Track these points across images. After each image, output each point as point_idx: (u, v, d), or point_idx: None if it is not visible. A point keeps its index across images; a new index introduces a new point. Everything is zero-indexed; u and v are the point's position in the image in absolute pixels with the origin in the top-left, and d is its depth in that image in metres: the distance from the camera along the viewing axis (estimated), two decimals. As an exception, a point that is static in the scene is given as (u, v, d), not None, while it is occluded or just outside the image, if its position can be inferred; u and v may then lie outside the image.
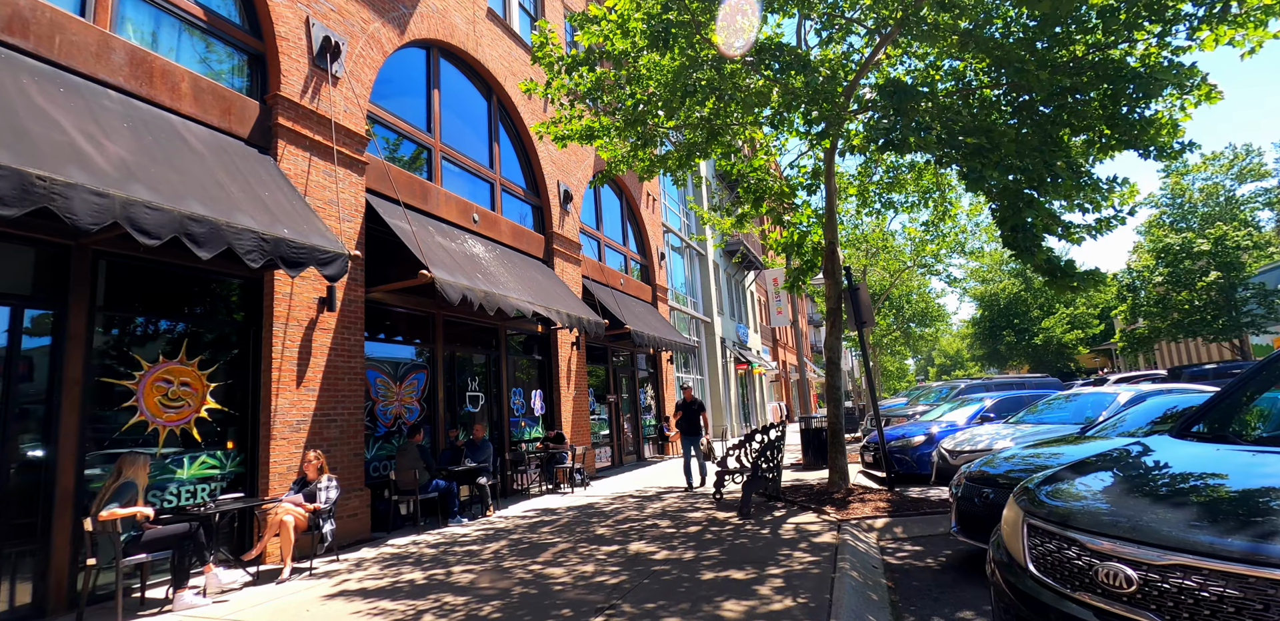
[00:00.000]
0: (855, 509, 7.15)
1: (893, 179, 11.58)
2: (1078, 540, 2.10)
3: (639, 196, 18.07)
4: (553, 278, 12.04)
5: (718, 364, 23.49)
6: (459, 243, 9.50)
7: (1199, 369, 24.72)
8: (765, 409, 32.19)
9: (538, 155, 12.77)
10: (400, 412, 8.70)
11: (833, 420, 8.43)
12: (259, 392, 6.71)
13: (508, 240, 11.43)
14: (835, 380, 8.58)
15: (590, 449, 13.27)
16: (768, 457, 7.85)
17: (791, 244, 9.50)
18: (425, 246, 8.18)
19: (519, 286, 9.91)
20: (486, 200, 11.33)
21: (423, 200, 9.37)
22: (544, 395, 12.40)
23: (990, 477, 5.20)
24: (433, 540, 7.22)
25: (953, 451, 8.15)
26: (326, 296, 7.32)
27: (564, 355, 12.85)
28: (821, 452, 12.30)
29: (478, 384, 10.51)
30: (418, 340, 9.34)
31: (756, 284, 32.91)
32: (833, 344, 8.64)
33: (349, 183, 7.94)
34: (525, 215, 12.63)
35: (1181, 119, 7.30)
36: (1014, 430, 8.21)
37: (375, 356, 8.47)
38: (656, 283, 18.45)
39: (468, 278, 8.39)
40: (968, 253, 18.15)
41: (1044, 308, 52.55)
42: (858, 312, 8.64)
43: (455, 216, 10.06)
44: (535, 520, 8.16)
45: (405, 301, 8.99)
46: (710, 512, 7.85)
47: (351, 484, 7.42)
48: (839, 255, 8.86)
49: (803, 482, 10.06)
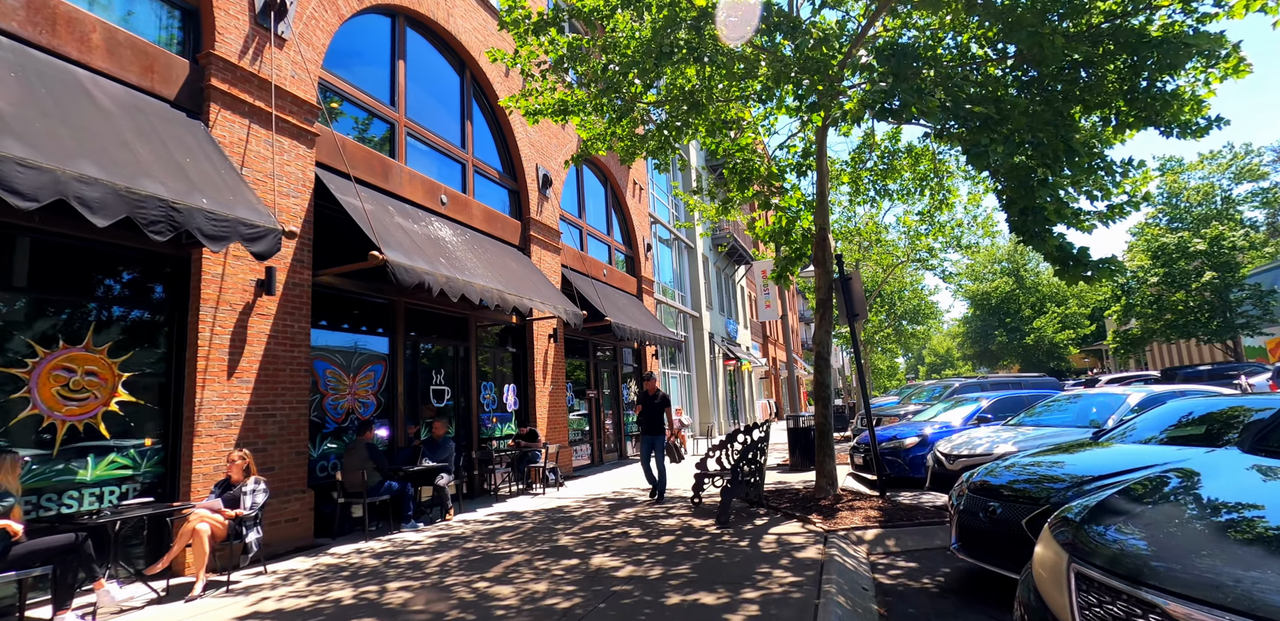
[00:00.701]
0: (844, 518, 6.53)
1: (887, 165, 10.93)
2: (1160, 607, 1.46)
3: (625, 184, 17.39)
4: (528, 266, 11.36)
5: (705, 359, 22.88)
6: (423, 225, 8.81)
7: (1193, 370, 24.33)
8: (754, 406, 31.63)
9: (515, 137, 12.07)
10: (353, 407, 8.01)
11: (820, 420, 7.81)
12: (182, 384, 6.01)
13: (480, 225, 10.73)
14: (824, 377, 7.95)
15: (567, 447, 12.64)
16: (750, 460, 7.22)
17: (779, 231, 8.85)
18: (380, 226, 7.49)
19: (489, 273, 9.24)
20: (457, 182, 10.63)
21: (383, 178, 8.66)
22: (518, 390, 11.74)
23: (994, 489, 4.59)
24: (379, 548, 6.56)
25: (949, 455, 7.55)
26: (265, 278, 6.62)
27: (540, 348, 12.18)
28: (809, 453, 11.69)
29: (443, 377, 9.84)
30: (376, 329, 8.65)
31: (747, 279, 32.29)
32: (822, 338, 8.01)
33: (296, 155, 7.23)
34: (501, 200, 11.93)
35: (1205, 95, 6.70)
36: (1015, 433, 7.61)
37: (326, 346, 7.78)
38: (642, 274, 17.79)
39: (428, 261, 7.71)
40: (964, 247, 17.59)
41: (1035, 307, 52.26)
42: (849, 304, 8.01)
43: (421, 197, 9.37)
44: (497, 525, 7.51)
45: (362, 287, 8.30)
46: (686, 519, 7.22)
47: (292, 485, 6.75)
48: (830, 242, 8.22)
49: (788, 486, 9.44)
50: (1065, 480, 4.37)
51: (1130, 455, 4.76)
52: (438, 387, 9.68)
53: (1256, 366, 24.19)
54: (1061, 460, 5.00)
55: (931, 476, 7.81)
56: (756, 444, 7.24)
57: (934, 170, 10.93)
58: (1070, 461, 4.90)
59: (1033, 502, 4.17)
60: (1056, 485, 4.37)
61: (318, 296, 7.61)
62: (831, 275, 8.15)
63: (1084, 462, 4.78)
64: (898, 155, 10.92)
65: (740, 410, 28.73)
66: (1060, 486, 4.29)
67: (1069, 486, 4.22)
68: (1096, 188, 7.53)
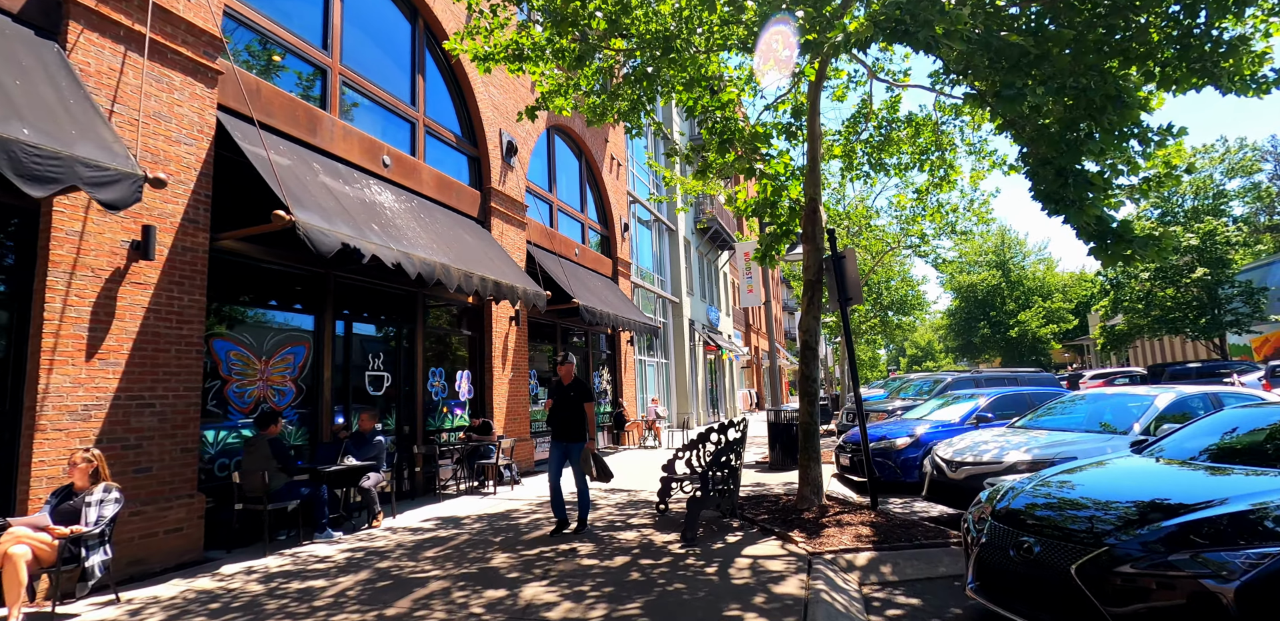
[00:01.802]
0: (831, 536, 5.53)
1: (884, 137, 9.90)
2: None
3: (601, 159, 16.23)
4: (486, 240, 10.23)
5: (685, 347, 21.88)
6: (357, 187, 7.65)
7: (1181, 367, 23.72)
8: (735, 396, 30.75)
9: (475, 98, 10.87)
10: (265, 395, 6.89)
11: (805, 418, 6.81)
12: (24, 366, 4.86)
13: (431, 192, 9.57)
14: (810, 369, 6.94)
15: (527, 440, 11.59)
16: (723, 464, 6.20)
17: (763, 203, 7.78)
18: (297, 184, 6.34)
19: (437, 245, 8.11)
20: (405, 143, 9.44)
21: (309, 131, 7.48)
22: (473, 377, 10.64)
23: (1026, 518, 3.59)
24: (276, 566, 5.47)
25: (951, 461, 6.59)
26: (142, 239, 5.46)
27: (500, 331, 11.08)
28: (790, 450, 10.74)
29: (382, 362, 8.71)
30: (298, 305, 7.51)
31: (730, 264, 31.29)
32: (809, 325, 6.99)
33: (191, 95, 6.04)
34: (459, 167, 10.76)
35: (1263, 49, 5.70)
36: (1026, 438, 6.67)
37: (231, 323, 6.64)
38: (618, 256, 16.69)
39: (354, 227, 6.57)
40: (959, 233, 16.68)
41: (1019, 301, 51.84)
42: (842, 287, 6.98)
43: (357, 157, 8.19)
44: (428, 535, 6.45)
45: (281, 256, 7.15)
46: (647, 533, 6.21)
47: (176, 489, 5.63)
48: (821, 216, 7.18)
49: (767, 490, 8.46)
50: (1121, 511, 3.39)
51: (1200, 481, 3.78)
52: (375, 374, 8.56)
53: (1248, 365, 23.67)
54: (1106, 480, 4.03)
55: (929, 484, 6.86)
56: (731, 445, 6.22)
57: (935, 143, 9.90)
58: (1119, 483, 3.92)
59: (1083, 543, 3.17)
60: (1110, 516, 3.38)
61: (221, 264, 6.46)
62: (822, 253, 7.12)
63: (1139, 486, 3.80)
64: (896, 125, 9.89)
65: (720, 400, 27.83)
66: (1115, 519, 3.30)
67: (1129, 521, 3.23)
68: (1122, 160, 6.55)
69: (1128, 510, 3.37)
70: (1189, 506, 3.20)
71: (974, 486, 6.22)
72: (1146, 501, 3.42)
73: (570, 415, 6.62)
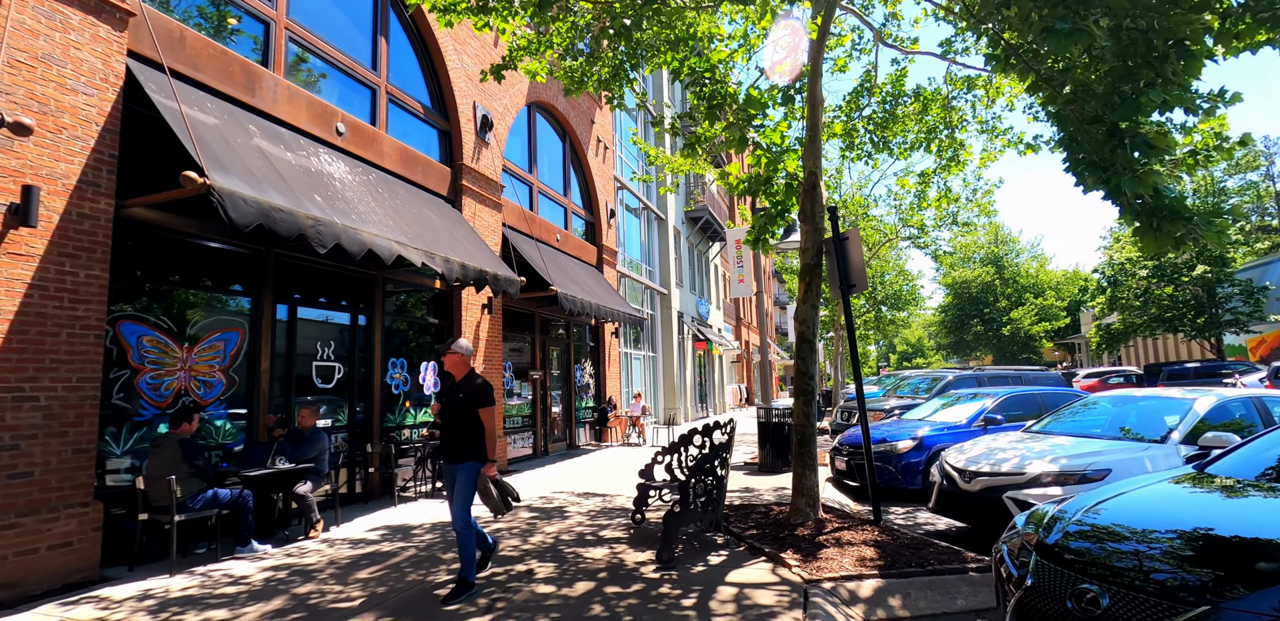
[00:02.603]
0: (830, 559, 4.77)
1: (888, 113, 9.12)
2: None
3: (586, 140, 15.37)
4: (455, 220, 9.39)
5: (673, 340, 21.10)
6: (302, 155, 6.80)
7: (1180, 367, 23.13)
8: (724, 392, 30.03)
9: (447, 67, 9.99)
10: (188, 387, 6.05)
11: (801, 420, 6.03)
12: None
13: (393, 166, 8.71)
14: (807, 365, 6.15)
15: (502, 436, 10.78)
16: (708, 471, 5.39)
17: (757, 179, 6.97)
18: (221, 144, 5.49)
19: (394, 222, 7.28)
20: (364, 110, 8.57)
21: (246, 89, 6.61)
22: (439, 369, 9.81)
23: (1087, 560, 2.80)
24: (176, 590, 4.66)
25: (964, 470, 5.84)
26: (21, 202, 4.60)
27: (471, 319, 10.25)
28: (781, 451, 9.99)
29: (334, 350, 7.88)
30: (233, 285, 6.67)
31: (721, 257, 30.50)
32: (807, 315, 6.20)
33: (92, 36, 5.16)
34: (427, 140, 9.89)
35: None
36: (1048, 445, 5.92)
37: (145, 304, 5.79)
38: (604, 243, 15.86)
39: (290, 196, 5.73)
40: (960, 224, 15.95)
41: (1012, 298, 51.35)
42: (844, 271, 6.19)
43: (305, 122, 7.33)
44: (369, 550, 5.64)
45: (212, 229, 6.29)
46: (618, 550, 5.42)
47: (65, 496, 4.79)
48: (822, 192, 6.38)
49: (756, 497, 7.70)
50: (1222, 554, 2.62)
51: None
52: (325, 364, 7.72)
53: (1247, 365, 23.12)
54: (1183, 509, 3.26)
55: (938, 495, 6.11)
56: (718, 450, 5.43)
57: (945, 121, 9.13)
58: (1202, 513, 3.16)
59: (1176, 599, 2.40)
60: (1205, 560, 2.61)
61: (133, 236, 5.61)
62: (821, 234, 6.33)
63: (1233, 518, 3.03)
64: (902, 101, 9.11)
65: (709, 396, 27.10)
66: (1215, 566, 2.53)
67: (1239, 569, 2.45)
68: (1157, 133, 5.80)
69: (1230, 553, 2.61)
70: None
71: (990, 500, 5.48)
72: (1252, 541, 2.66)
73: (458, 425, 4.49)
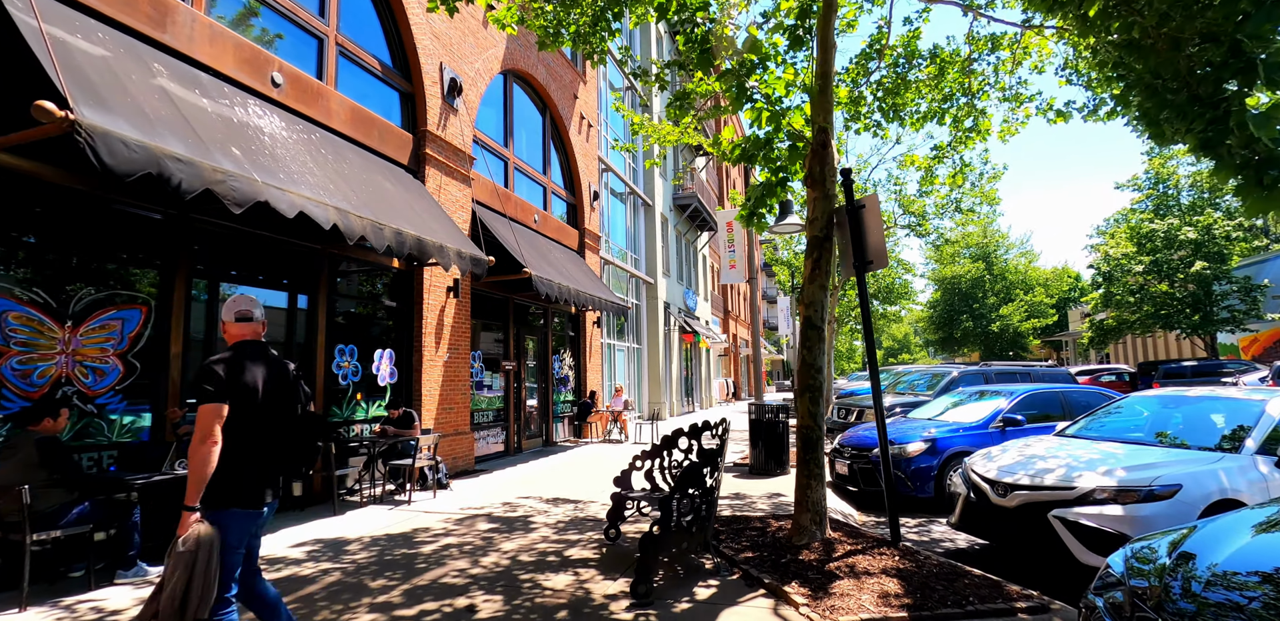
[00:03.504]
0: (844, 594, 3.84)
1: (899, 78, 8.17)
2: None
3: (569, 116, 14.33)
4: (415, 191, 8.36)
5: (659, 332, 20.15)
6: (223, 103, 5.74)
7: (1177, 366, 22.52)
8: (711, 386, 29.14)
9: (409, 21, 8.93)
10: (70, 374, 5.02)
11: (807, 421, 5.09)
12: None
13: (342, 127, 7.68)
14: (814, 356, 5.20)
15: (467, 433, 9.80)
16: (697, 481, 4.42)
17: (755, 142, 5.99)
18: (102, 76, 4.44)
19: (337, 187, 6.25)
20: (309, 62, 7.52)
21: (154, 24, 5.55)
22: (397, 357, 8.80)
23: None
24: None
25: (996, 481, 4.94)
26: None
27: (434, 303, 9.24)
28: (775, 452, 9.09)
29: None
30: (138, 254, 5.63)
31: (710, 247, 29.55)
32: (814, 296, 5.26)
33: (-69, -68, 4.11)
34: (386, 102, 8.84)
35: None
36: (1096, 452, 5.03)
37: (14, 273, 4.76)
38: (586, 227, 14.85)
39: (196, 146, 4.70)
40: (962, 211, 15.11)
41: (1000, 295, 50.83)
42: (860, 247, 5.24)
43: (232, 67, 6.28)
44: (284, 574, 4.65)
45: (112, 188, 5.26)
46: (586, 578, 4.47)
47: (-118, 511, 3.78)
48: (834, 153, 5.43)
49: (749, 506, 6.78)
50: None
51: None
52: (256, 351, 6.69)
53: (1247, 364, 22.54)
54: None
55: (964, 509, 5.21)
56: (708, 458, 4.47)
57: (964, 87, 8.20)
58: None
59: None
60: None
61: (7, 193, 4.58)
62: (833, 201, 5.38)
63: None
64: (916, 63, 8.17)
65: (695, 390, 26.19)
66: None
67: None
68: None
69: None
70: None
71: (1032, 518, 4.59)
72: None
73: (255, 433, 2.79)
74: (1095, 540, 4.28)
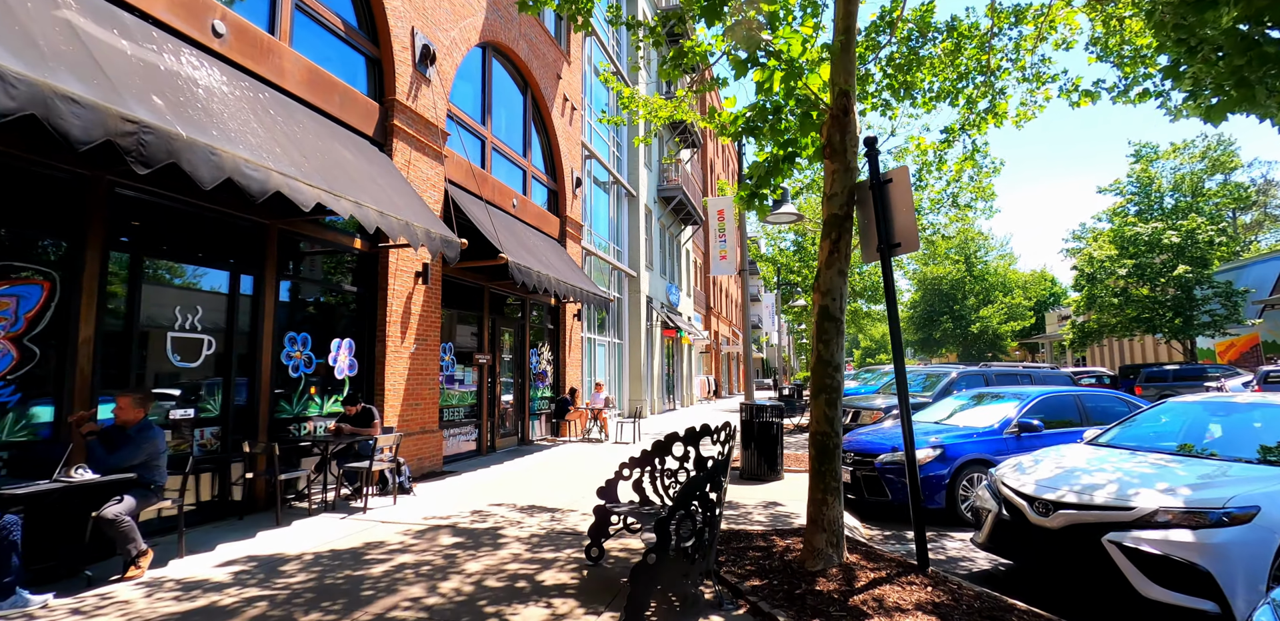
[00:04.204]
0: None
1: (912, 53, 7.54)
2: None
3: (551, 97, 13.53)
4: (379, 164, 7.55)
5: (641, 326, 19.44)
6: (149, 48, 4.91)
7: (1158, 369, 22.36)
8: (692, 383, 28.51)
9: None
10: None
11: (823, 426, 4.40)
12: None
13: (296, 88, 6.85)
14: (831, 351, 4.53)
15: (436, 431, 9.02)
16: (699, 496, 3.71)
17: (762, 110, 5.27)
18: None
19: (284, 151, 5.44)
20: (260, 14, 6.68)
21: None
22: (357, 347, 7.99)
23: None
24: None
25: (1035, 497, 4.30)
26: None
27: (401, 289, 8.44)
28: (768, 455, 8.44)
29: (202, 318, 6.01)
30: (37, 221, 4.79)
31: (694, 242, 28.90)
32: (832, 282, 4.58)
33: None
34: (350, 67, 8.01)
35: None
36: (1149, 466, 4.41)
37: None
38: (568, 215, 14.08)
39: (102, 88, 3.88)
40: (959, 206, 14.60)
41: (980, 296, 50.87)
42: (886, 227, 4.57)
43: (162, 9, 5.44)
44: (200, 603, 3.88)
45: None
46: (563, 611, 3.76)
47: None
48: (855, 120, 4.76)
49: (745, 517, 6.09)
50: None
51: None
52: (187, 336, 5.87)
53: (1228, 369, 22.41)
54: None
55: (993, 527, 4.58)
56: (711, 472, 3.75)
57: (981, 65, 7.58)
58: None
59: None
60: None
61: None
62: (854, 175, 4.71)
63: None
64: (931, 38, 7.54)
65: (676, 387, 25.53)
66: None
67: None
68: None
69: None
70: None
71: (1081, 541, 3.96)
72: None
73: None
74: (1161, 570, 3.66)
